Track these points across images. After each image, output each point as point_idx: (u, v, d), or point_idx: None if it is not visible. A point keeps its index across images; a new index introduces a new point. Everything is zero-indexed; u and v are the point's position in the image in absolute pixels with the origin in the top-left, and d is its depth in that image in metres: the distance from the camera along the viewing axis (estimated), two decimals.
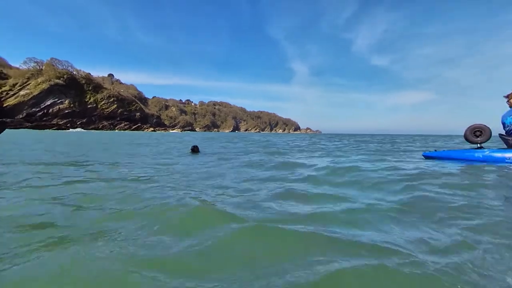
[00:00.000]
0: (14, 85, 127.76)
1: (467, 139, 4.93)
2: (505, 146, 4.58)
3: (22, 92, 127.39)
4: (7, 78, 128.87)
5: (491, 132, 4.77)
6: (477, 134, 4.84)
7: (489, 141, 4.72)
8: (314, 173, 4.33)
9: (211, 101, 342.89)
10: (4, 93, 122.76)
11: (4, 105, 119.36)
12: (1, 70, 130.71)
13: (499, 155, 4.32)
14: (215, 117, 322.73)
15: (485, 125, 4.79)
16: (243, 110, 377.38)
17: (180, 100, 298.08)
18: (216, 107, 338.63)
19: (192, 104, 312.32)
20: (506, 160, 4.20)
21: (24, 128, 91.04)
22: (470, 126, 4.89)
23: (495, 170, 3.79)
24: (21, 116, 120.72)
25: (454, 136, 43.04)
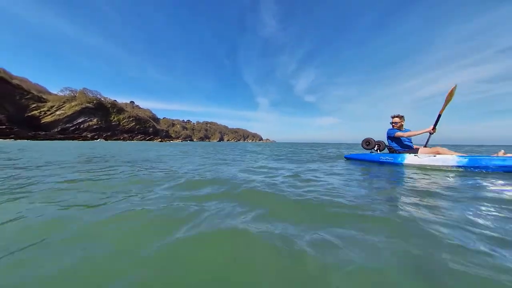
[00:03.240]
0: (51, 107, 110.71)
1: (362, 147, 5.02)
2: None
3: (58, 112, 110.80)
4: (46, 102, 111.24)
5: (375, 142, 4.89)
6: (367, 144, 4.97)
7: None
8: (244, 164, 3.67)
9: (204, 121, 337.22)
10: (42, 112, 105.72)
11: (42, 121, 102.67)
12: (42, 95, 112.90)
13: (380, 157, 4.30)
14: (207, 132, 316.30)
15: (372, 138, 4.99)
16: (226, 127, 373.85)
17: (183, 120, 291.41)
18: (208, 125, 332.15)
19: (191, 122, 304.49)
20: (380, 159, 4.14)
21: (55, 139, 77.87)
22: (364, 139, 5.14)
23: (375, 165, 3.68)
24: (56, 130, 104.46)
25: (353, 145, 45.30)
